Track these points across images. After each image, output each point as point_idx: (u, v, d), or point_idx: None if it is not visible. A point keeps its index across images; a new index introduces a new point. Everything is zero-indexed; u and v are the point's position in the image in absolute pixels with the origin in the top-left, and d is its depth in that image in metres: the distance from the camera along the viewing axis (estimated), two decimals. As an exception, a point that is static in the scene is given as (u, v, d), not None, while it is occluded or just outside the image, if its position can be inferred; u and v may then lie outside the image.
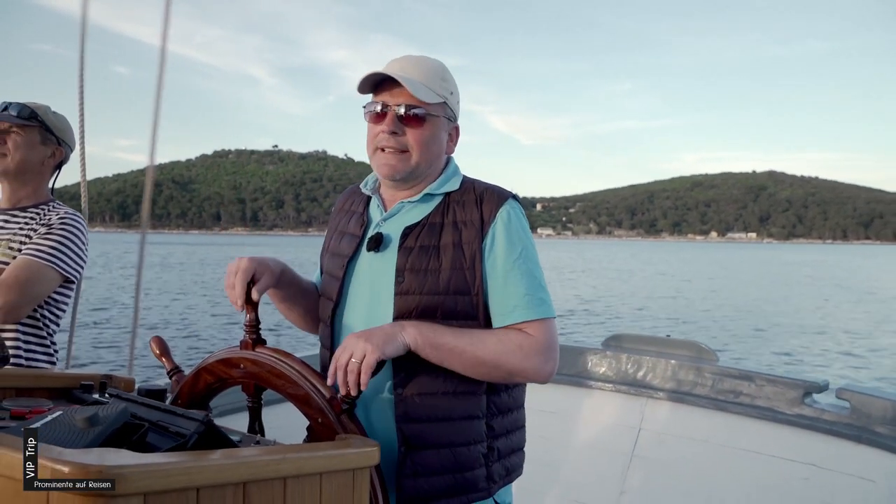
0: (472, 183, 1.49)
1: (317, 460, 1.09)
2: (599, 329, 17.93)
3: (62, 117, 2.14)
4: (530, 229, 1.48)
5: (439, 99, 1.46)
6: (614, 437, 3.14)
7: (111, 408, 1.08)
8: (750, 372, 2.94)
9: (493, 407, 1.43)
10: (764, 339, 18.02)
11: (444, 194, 1.47)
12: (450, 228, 1.42)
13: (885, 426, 2.54)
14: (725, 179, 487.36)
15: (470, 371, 1.36)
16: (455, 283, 1.38)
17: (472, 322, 1.39)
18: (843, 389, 2.70)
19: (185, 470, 0.91)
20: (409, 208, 1.48)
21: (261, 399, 1.46)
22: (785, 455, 2.72)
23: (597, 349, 3.37)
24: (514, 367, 1.35)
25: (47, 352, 2.02)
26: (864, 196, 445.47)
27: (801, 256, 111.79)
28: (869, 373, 13.66)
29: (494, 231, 1.40)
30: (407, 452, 1.36)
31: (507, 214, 1.42)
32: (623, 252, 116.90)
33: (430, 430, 1.37)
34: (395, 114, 1.43)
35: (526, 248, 1.42)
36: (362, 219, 1.53)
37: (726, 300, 29.09)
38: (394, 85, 1.43)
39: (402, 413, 1.37)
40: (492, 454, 1.43)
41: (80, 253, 2.01)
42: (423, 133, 1.44)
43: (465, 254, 1.39)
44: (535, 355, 1.35)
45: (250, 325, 1.44)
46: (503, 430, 1.46)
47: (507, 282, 1.39)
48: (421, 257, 1.40)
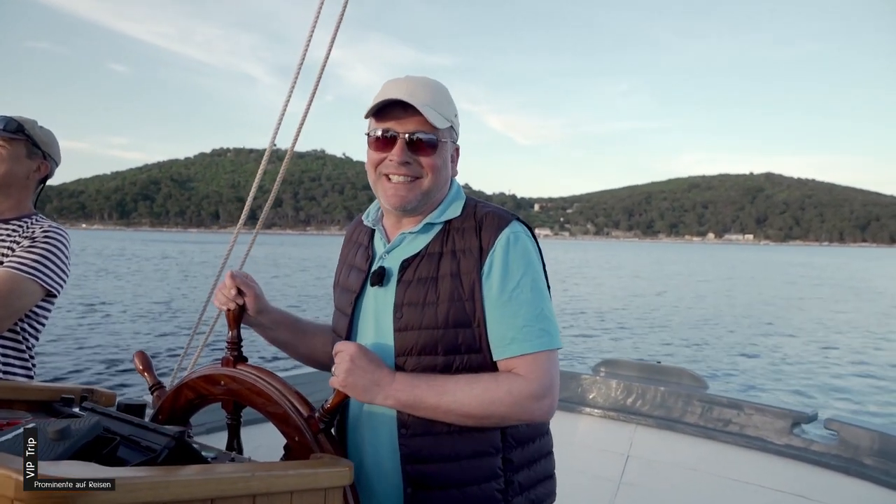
0: (475, 207, 1.42)
1: (288, 478, 1.09)
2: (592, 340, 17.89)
3: (48, 132, 2.13)
4: (532, 236, 1.41)
5: (448, 124, 1.40)
6: (603, 463, 3.13)
7: (84, 421, 1.09)
8: (739, 401, 2.94)
9: (511, 440, 1.37)
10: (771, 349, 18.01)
11: (445, 222, 1.41)
12: (448, 258, 1.35)
13: (873, 457, 2.54)
14: (723, 181, 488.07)
15: (459, 423, 1.31)
16: (454, 316, 1.32)
17: (476, 356, 1.33)
18: (831, 420, 2.71)
19: (152, 484, 0.92)
20: (409, 239, 1.42)
21: (240, 417, 1.46)
22: (773, 485, 2.72)
23: (587, 374, 3.37)
24: (504, 414, 1.28)
25: (25, 365, 2.01)
26: (860, 199, 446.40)
27: (799, 258, 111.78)
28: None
29: (493, 259, 1.33)
30: (413, 493, 1.32)
31: (507, 240, 1.34)
32: (624, 253, 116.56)
33: (435, 470, 1.32)
34: (405, 141, 1.36)
35: (525, 275, 1.33)
36: (367, 252, 1.49)
37: (727, 305, 29.09)
38: (402, 110, 1.35)
39: (406, 453, 1.33)
40: (511, 488, 1.36)
41: (63, 267, 2.00)
42: (435, 160, 1.38)
43: (464, 284, 1.32)
44: (526, 400, 1.27)
45: (232, 343, 1.45)
46: (524, 462, 1.39)
47: (504, 313, 1.31)
48: (418, 290, 1.35)
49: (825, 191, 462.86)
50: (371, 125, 1.41)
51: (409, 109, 1.35)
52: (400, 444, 1.34)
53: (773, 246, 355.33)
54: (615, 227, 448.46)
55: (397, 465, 1.35)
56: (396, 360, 1.35)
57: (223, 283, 1.48)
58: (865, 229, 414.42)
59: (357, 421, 1.41)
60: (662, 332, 19.18)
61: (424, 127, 1.36)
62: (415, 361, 1.33)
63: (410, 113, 1.35)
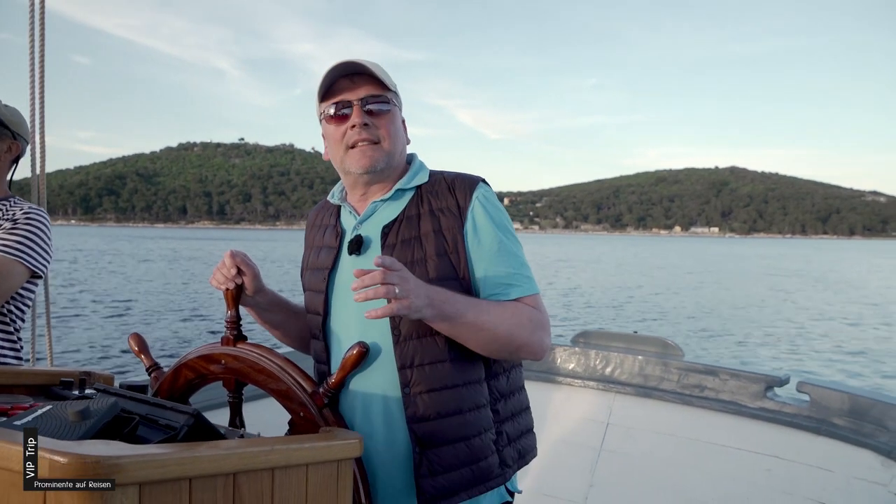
0: (441, 173, 1.50)
1: (303, 451, 1.12)
2: (571, 324, 18.14)
3: (15, 110, 2.08)
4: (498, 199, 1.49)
5: (395, 87, 1.47)
6: (583, 431, 3.21)
7: (101, 402, 1.10)
8: (714, 367, 3.04)
9: (496, 392, 1.43)
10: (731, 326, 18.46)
11: (416, 187, 1.46)
12: (427, 217, 1.41)
13: (843, 418, 2.66)
14: (689, 175, 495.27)
15: (481, 346, 1.34)
16: (442, 270, 1.37)
17: None
18: (803, 383, 2.82)
19: (179, 461, 0.94)
20: (382, 207, 1.47)
21: (241, 394, 1.47)
22: (748, 447, 2.82)
23: (566, 346, 3.43)
24: (524, 340, 1.35)
25: (14, 347, 2.00)
26: (821, 192, 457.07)
27: (763, 250, 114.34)
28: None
29: (474, 214, 1.40)
30: (422, 452, 1.34)
31: (483, 197, 1.42)
32: (600, 247, 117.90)
33: (442, 426, 1.35)
34: (360, 107, 1.42)
35: (507, 228, 1.43)
36: (336, 229, 1.52)
37: (696, 292, 29.62)
38: (349, 82, 1.43)
39: (412, 413, 1.35)
40: (501, 439, 1.42)
41: (47, 247, 1.99)
42: (390, 122, 1.45)
43: (448, 240, 1.39)
44: (541, 329, 1.38)
45: (231, 322, 1.46)
46: (508, 414, 1.46)
47: (495, 262, 1.39)
48: (405, 251, 1.39)
49: (788, 184, 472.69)
50: (323, 108, 1.47)
51: (354, 81, 1.43)
52: (405, 405, 1.36)
53: (738, 238, 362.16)
54: (584, 221, 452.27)
55: (399, 427, 1.37)
56: (392, 320, 1.37)
57: (222, 262, 1.48)
58: (826, 221, 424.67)
59: (349, 391, 1.42)
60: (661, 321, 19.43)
61: (375, 90, 1.43)
62: (408, 319, 1.34)
63: (358, 81, 1.43)
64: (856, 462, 2.56)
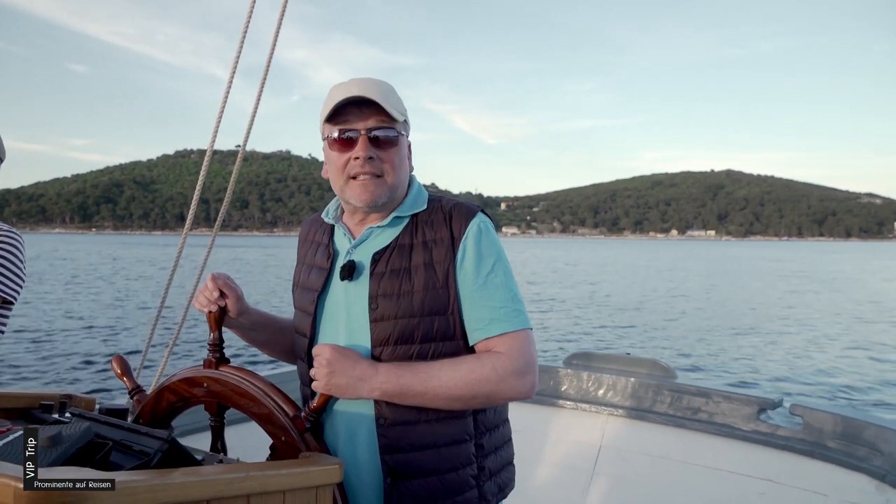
0: (439, 201, 1.46)
1: (280, 478, 1.11)
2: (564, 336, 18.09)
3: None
4: (495, 229, 1.46)
5: (403, 117, 1.42)
6: (575, 453, 3.19)
7: (74, 427, 1.09)
8: (707, 389, 3.02)
9: (482, 426, 1.41)
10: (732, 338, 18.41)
11: (412, 215, 1.44)
12: (420, 248, 1.39)
13: (836, 441, 2.64)
14: (685, 178, 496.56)
15: (447, 407, 1.34)
16: (430, 304, 1.35)
17: (450, 343, 1.36)
18: (797, 406, 2.80)
19: (150, 487, 0.93)
20: (377, 233, 1.44)
21: (223, 418, 1.46)
22: (742, 471, 2.80)
23: (558, 367, 3.42)
24: (491, 392, 1.32)
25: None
26: (817, 194, 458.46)
27: (761, 253, 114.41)
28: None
29: (465, 246, 1.37)
30: (393, 483, 1.34)
31: (478, 228, 1.39)
32: (605, 251, 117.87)
33: (414, 459, 1.34)
34: (366, 137, 1.38)
35: (498, 261, 1.39)
36: (328, 250, 1.49)
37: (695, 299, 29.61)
38: (357, 109, 1.38)
39: (385, 444, 1.34)
40: (483, 474, 1.40)
41: (19, 272, 1.89)
42: (396, 155, 1.41)
43: (438, 273, 1.36)
44: (511, 376, 1.32)
45: (213, 345, 1.45)
46: (492, 448, 1.44)
47: (481, 296, 1.36)
48: (392, 281, 1.37)
49: (784, 187, 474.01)
50: (327, 130, 1.43)
51: (364, 107, 1.38)
52: (378, 435, 1.35)
53: (734, 241, 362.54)
54: (581, 225, 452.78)
55: (375, 456, 1.36)
56: (373, 350, 1.37)
57: (204, 285, 1.47)
58: (822, 224, 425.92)
59: (331, 415, 1.41)
60: (663, 331, 19.39)
61: (383, 122, 1.39)
62: (391, 351, 1.36)
63: (367, 110, 1.38)
64: (850, 486, 2.53)
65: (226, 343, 1.49)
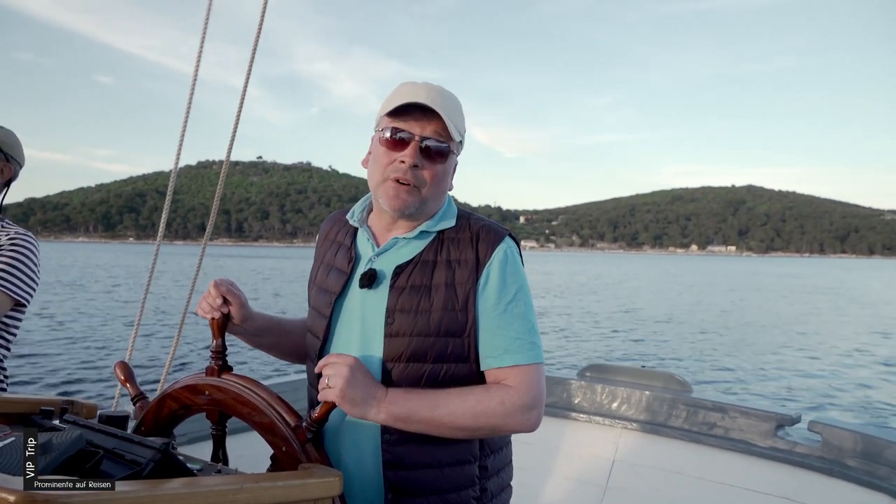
0: (468, 219, 1.43)
1: (276, 490, 1.07)
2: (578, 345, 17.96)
3: (10, 133, 2.05)
4: (520, 253, 1.44)
5: (459, 137, 1.41)
6: (588, 467, 3.13)
7: (66, 434, 1.06)
8: (723, 404, 2.95)
9: (487, 448, 1.40)
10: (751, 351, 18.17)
11: (439, 231, 1.41)
12: (443, 267, 1.36)
13: (855, 459, 2.56)
14: (705, 193, 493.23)
15: (451, 436, 1.32)
16: (446, 325, 1.32)
17: (463, 365, 1.34)
18: (815, 422, 2.72)
19: (135, 500, 0.89)
20: (402, 245, 1.42)
21: (225, 427, 1.43)
22: (758, 488, 2.73)
23: (572, 379, 3.36)
24: (496, 425, 1.30)
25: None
26: (839, 210, 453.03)
27: (783, 269, 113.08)
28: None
29: (489, 272, 1.34)
30: (394, 499, 1.32)
31: (504, 255, 1.36)
32: (627, 265, 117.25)
33: (417, 477, 1.33)
34: (418, 145, 1.35)
35: (520, 290, 1.36)
36: (350, 253, 1.46)
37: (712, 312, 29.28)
38: (420, 113, 1.35)
39: (388, 459, 1.33)
40: (484, 496, 1.39)
41: (32, 275, 1.93)
42: (440, 170, 1.38)
43: (458, 294, 1.33)
44: (518, 411, 1.30)
45: (216, 352, 1.42)
46: (495, 470, 1.43)
47: (499, 324, 1.33)
48: (412, 297, 1.34)
49: (805, 203, 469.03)
50: (383, 123, 1.39)
51: (426, 114, 1.35)
52: (383, 451, 1.33)
53: (755, 257, 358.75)
54: (600, 239, 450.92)
55: (378, 471, 1.33)
56: (384, 364, 1.34)
57: (207, 291, 1.45)
58: (845, 241, 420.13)
59: (337, 427, 1.38)
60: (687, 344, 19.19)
61: (440, 135, 1.36)
62: (402, 367, 1.33)
63: (428, 118, 1.35)
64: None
65: (232, 350, 1.46)
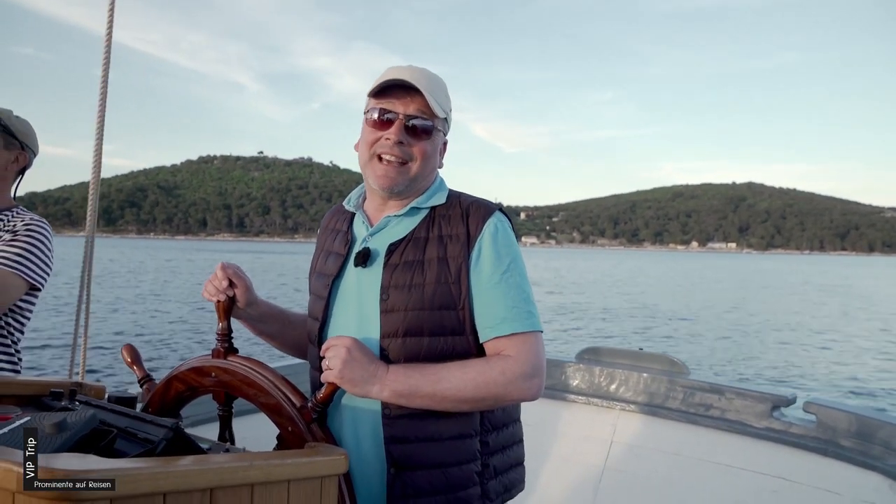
0: (458, 196, 1.46)
1: (285, 468, 1.09)
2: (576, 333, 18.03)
3: (25, 122, 2.09)
4: (513, 229, 1.46)
5: (444, 115, 1.44)
6: (587, 449, 3.16)
7: (80, 414, 1.09)
8: (720, 385, 2.98)
9: (487, 423, 1.41)
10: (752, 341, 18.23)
11: (430, 208, 1.44)
12: (435, 242, 1.39)
13: (850, 439, 2.60)
14: (706, 190, 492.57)
15: (455, 409, 1.33)
16: (440, 298, 1.35)
17: (460, 338, 1.36)
18: (810, 403, 2.76)
19: (151, 475, 0.92)
20: (394, 223, 1.45)
21: (231, 408, 1.46)
22: (754, 468, 2.76)
23: (570, 362, 3.39)
24: (498, 394, 1.32)
25: (11, 360, 1.99)
26: (840, 208, 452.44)
27: (784, 266, 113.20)
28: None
29: (481, 244, 1.37)
30: (396, 473, 1.34)
31: (495, 227, 1.39)
32: (631, 261, 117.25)
33: (418, 450, 1.34)
34: (403, 123, 1.40)
35: (514, 261, 1.39)
36: (346, 237, 1.50)
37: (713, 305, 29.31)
38: (404, 92, 1.40)
39: (390, 434, 1.34)
40: (487, 472, 1.40)
41: (47, 260, 1.98)
42: (427, 147, 1.42)
43: (451, 268, 1.36)
44: (519, 379, 1.32)
45: (222, 334, 1.45)
46: (498, 447, 1.44)
47: (494, 294, 1.36)
48: (405, 273, 1.37)
49: (805, 200, 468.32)
50: (370, 104, 1.45)
51: (410, 93, 1.41)
52: (384, 425, 1.35)
53: (756, 254, 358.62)
54: (601, 236, 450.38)
55: (380, 446, 1.36)
56: (381, 341, 1.36)
57: (214, 274, 1.48)
58: (845, 238, 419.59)
59: (338, 403, 1.41)
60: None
61: (423, 112, 1.40)
62: (400, 343, 1.35)
63: (411, 97, 1.40)
64: (863, 485, 2.49)
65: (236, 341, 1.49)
